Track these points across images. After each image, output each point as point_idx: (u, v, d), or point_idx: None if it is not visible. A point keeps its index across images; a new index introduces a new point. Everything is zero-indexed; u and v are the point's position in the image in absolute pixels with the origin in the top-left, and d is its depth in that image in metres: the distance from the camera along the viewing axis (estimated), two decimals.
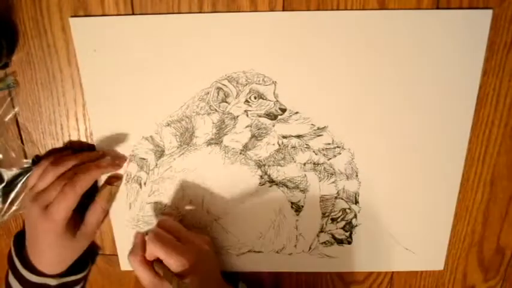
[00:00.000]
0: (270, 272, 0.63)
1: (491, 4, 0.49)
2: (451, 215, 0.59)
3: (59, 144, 0.58)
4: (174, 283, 0.47)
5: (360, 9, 0.50)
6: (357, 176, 0.57)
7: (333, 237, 0.60)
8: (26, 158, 0.59)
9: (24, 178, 0.58)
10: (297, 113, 0.54)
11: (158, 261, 0.51)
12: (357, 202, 0.58)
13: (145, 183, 0.58)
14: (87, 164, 0.53)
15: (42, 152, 0.59)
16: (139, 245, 0.54)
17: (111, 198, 0.57)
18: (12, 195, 0.59)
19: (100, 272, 0.66)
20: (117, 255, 0.63)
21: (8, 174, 0.58)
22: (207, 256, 0.54)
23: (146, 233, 0.57)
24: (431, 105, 0.53)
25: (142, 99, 0.54)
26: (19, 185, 0.58)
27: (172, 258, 0.49)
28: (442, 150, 0.55)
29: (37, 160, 0.58)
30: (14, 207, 0.60)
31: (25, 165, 0.58)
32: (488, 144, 0.56)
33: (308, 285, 0.65)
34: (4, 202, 0.59)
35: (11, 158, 0.58)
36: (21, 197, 0.58)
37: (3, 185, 0.58)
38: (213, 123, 0.55)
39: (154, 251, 0.50)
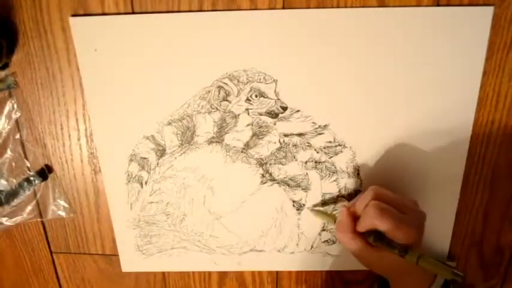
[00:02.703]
0: None
1: (493, 1, 0.49)
2: (451, 215, 0.59)
3: (59, 144, 0.58)
4: (410, 258, 0.46)
5: (360, 7, 0.50)
6: (358, 174, 0.57)
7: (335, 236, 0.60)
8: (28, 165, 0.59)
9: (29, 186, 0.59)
10: (298, 111, 0.54)
11: (372, 232, 0.49)
12: None
13: (146, 183, 0.58)
14: None
15: (41, 156, 0.58)
16: (349, 221, 0.50)
17: None
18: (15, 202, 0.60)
19: (100, 272, 0.66)
20: (117, 255, 0.63)
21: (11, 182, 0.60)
22: (422, 218, 0.50)
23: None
24: (431, 104, 0.53)
25: (142, 98, 0.54)
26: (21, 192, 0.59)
27: (401, 232, 0.46)
28: (442, 150, 0.55)
29: (47, 169, 0.59)
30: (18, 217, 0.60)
31: (29, 173, 0.59)
32: (488, 144, 0.56)
33: (309, 284, 0.65)
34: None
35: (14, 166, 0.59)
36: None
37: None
38: (214, 121, 0.55)
39: (380, 226, 0.46)
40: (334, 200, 0.58)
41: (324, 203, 0.58)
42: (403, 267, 0.49)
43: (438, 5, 0.49)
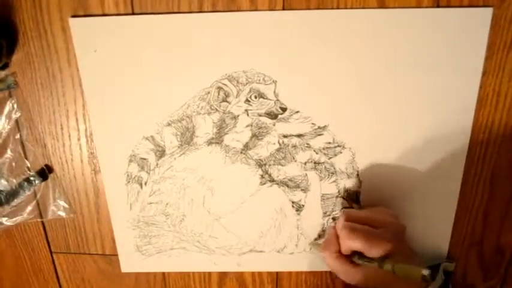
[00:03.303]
0: None
1: (492, 3, 0.49)
2: (451, 214, 0.59)
3: (59, 144, 0.58)
4: (386, 267, 0.46)
5: (360, 8, 0.50)
6: (357, 175, 0.57)
7: None
8: (28, 165, 0.59)
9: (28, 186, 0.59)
10: (297, 112, 0.54)
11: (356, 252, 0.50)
12: (358, 201, 0.58)
13: (146, 183, 0.58)
14: None
15: (41, 156, 0.59)
16: (333, 240, 0.52)
17: None
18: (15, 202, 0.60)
19: (100, 272, 0.66)
20: (117, 255, 0.63)
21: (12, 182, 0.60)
22: (399, 228, 0.52)
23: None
24: (431, 105, 0.53)
25: (142, 99, 0.54)
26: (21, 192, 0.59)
27: (374, 248, 0.47)
28: (442, 150, 0.55)
29: (47, 170, 0.59)
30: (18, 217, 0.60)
31: (29, 173, 0.59)
32: (488, 144, 0.56)
33: (308, 284, 0.65)
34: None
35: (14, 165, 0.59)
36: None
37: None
38: (214, 122, 0.55)
39: (353, 245, 0.49)
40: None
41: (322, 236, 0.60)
42: (393, 281, 0.49)
43: (438, 6, 0.49)
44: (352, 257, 0.50)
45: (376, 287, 0.51)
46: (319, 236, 0.60)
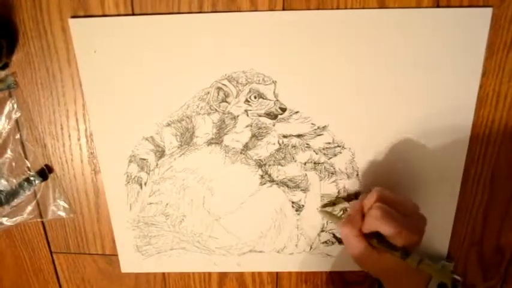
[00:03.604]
0: None
1: (492, 3, 0.49)
2: (451, 215, 0.59)
3: (59, 144, 0.58)
4: (410, 261, 0.46)
5: (359, 8, 0.50)
6: (357, 175, 0.57)
7: (334, 236, 0.60)
8: (28, 165, 0.59)
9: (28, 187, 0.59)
10: (297, 112, 0.54)
11: (374, 234, 0.49)
12: None
13: (145, 184, 0.58)
14: None
15: (41, 156, 0.59)
16: (358, 217, 0.50)
17: None
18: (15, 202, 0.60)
19: (100, 272, 0.66)
20: (117, 255, 0.63)
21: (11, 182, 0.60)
22: (423, 221, 0.50)
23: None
24: (431, 105, 0.53)
25: (142, 99, 0.54)
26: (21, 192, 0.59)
27: (402, 237, 0.46)
28: (442, 150, 0.55)
29: (47, 170, 0.59)
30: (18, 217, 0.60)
31: (29, 173, 0.59)
32: (488, 144, 0.56)
33: (308, 284, 0.65)
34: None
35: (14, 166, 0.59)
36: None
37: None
38: (214, 123, 0.55)
39: (381, 228, 0.47)
40: (344, 200, 0.58)
41: (333, 203, 0.59)
42: (400, 270, 0.49)
43: (438, 6, 0.49)
44: (371, 239, 0.49)
45: (383, 275, 0.51)
46: (331, 205, 0.59)
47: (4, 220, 0.61)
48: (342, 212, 0.58)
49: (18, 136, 0.58)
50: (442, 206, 0.58)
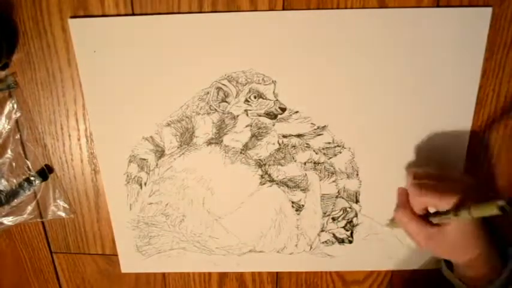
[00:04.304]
0: None
1: (491, 2, 0.49)
2: None
3: (59, 144, 0.58)
4: (462, 214, 0.45)
5: (359, 8, 0.50)
6: (357, 175, 0.57)
7: (334, 236, 0.60)
8: (28, 165, 0.59)
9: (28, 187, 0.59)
10: (297, 112, 0.54)
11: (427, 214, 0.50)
12: (357, 201, 0.58)
13: (145, 184, 0.58)
14: None
15: (41, 156, 0.59)
16: (404, 200, 0.52)
17: None
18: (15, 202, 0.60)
19: (100, 272, 0.66)
20: (117, 255, 0.63)
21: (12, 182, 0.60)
22: (468, 181, 0.50)
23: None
24: (431, 105, 0.53)
25: (142, 99, 0.54)
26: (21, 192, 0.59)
27: (443, 200, 0.46)
28: (442, 150, 0.55)
29: (47, 170, 0.59)
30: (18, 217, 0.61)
31: (30, 173, 0.59)
32: (488, 144, 0.56)
33: (308, 284, 0.65)
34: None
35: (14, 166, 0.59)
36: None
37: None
38: (213, 123, 0.55)
39: (423, 200, 0.48)
40: None
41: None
42: (466, 246, 0.48)
43: (438, 6, 0.49)
44: (429, 218, 0.49)
45: (449, 251, 0.50)
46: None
47: (4, 220, 0.62)
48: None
49: (18, 136, 0.58)
50: None
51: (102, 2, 0.51)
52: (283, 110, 0.54)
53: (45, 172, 0.60)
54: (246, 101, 0.53)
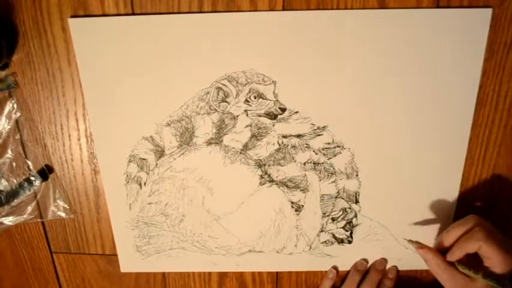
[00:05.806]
0: None
1: (491, 3, 0.49)
2: (451, 215, 0.59)
3: (59, 144, 0.58)
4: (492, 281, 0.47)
5: (359, 9, 0.50)
6: (357, 175, 0.57)
7: (334, 236, 0.60)
8: (28, 164, 0.59)
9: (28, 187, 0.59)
10: (296, 112, 0.54)
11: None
12: (357, 201, 0.58)
13: (145, 184, 0.58)
14: None
15: (41, 156, 0.59)
16: (436, 254, 0.53)
17: None
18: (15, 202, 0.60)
19: (100, 272, 0.66)
20: (117, 255, 0.64)
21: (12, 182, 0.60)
22: (487, 225, 0.51)
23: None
24: (431, 105, 0.53)
25: (142, 99, 0.54)
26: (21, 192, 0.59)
27: (503, 258, 0.47)
28: (442, 150, 0.55)
29: (47, 170, 0.59)
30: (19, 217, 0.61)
31: (30, 173, 0.59)
32: (488, 144, 0.56)
33: (308, 284, 0.65)
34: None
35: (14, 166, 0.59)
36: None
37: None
38: (213, 123, 0.55)
39: (484, 249, 0.48)
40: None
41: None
42: None
43: (438, 7, 0.49)
44: (457, 265, 0.51)
45: None
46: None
47: (4, 220, 0.62)
48: None
49: (18, 136, 0.58)
50: (442, 206, 0.58)
51: (102, 1, 0.51)
52: (283, 110, 0.54)
53: (45, 172, 0.60)
54: (246, 101, 0.53)
